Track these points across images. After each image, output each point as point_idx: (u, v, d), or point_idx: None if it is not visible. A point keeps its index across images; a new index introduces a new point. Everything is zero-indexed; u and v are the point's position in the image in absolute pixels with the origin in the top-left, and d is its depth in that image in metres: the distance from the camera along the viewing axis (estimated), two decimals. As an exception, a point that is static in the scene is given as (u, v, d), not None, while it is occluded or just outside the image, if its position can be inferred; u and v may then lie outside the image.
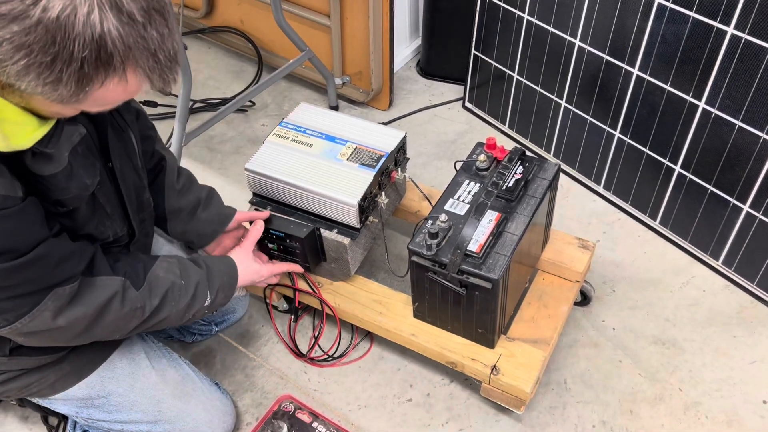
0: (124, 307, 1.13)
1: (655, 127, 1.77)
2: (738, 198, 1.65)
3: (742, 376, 1.58)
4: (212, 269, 1.28)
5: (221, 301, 1.30)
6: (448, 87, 2.44)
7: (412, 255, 1.36)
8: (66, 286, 1.05)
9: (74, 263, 1.07)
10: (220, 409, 1.43)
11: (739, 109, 1.56)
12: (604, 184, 1.99)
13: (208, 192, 1.47)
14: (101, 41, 0.77)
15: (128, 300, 1.14)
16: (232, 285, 1.33)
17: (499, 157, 1.49)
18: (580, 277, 1.59)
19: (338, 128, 1.57)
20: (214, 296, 1.27)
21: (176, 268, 1.22)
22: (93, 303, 1.10)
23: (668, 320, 1.70)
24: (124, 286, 1.13)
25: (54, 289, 1.03)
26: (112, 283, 1.12)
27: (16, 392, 1.26)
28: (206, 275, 1.26)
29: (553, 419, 1.52)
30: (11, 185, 0.93)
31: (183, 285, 1.22)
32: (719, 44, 1.54)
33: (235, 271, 1.34)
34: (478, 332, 1.43)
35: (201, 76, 2.50)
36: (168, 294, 1.19)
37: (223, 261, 1.34)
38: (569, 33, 1.87)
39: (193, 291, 1.23)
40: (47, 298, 1.03)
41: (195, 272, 1.25)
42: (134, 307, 1.15)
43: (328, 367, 1.63)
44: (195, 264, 1.27)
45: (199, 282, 1.24)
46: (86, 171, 1.07)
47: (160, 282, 1.18)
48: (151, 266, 1.19)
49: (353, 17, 2.17)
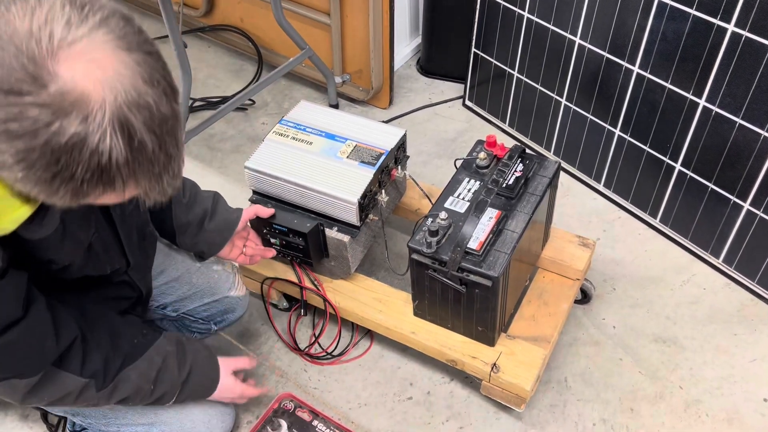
0: (77, 402, 1.14)
1: (656, 125, 1.76)
2: (738, 196, 1.65)
3: (742, 374, 1.58)
4: (192, 380, 1.28)
5: (181, 401, 1.31)
6: (448, 85, 2.44)
7: (412, 253, 1.36)
8: (23, 379, 1.03)
9: (43, 357, 1.04)
10: (219, 408, 1.42)
11: (740, 107, 1.56)
12: (604, 182, 1.99)
13: (213, 200, 1.44)
14: (106, 167, 0.72)
15: (83, 398, 1.13)
16: (203, 396, 1.35)
17: (500, 154, 1.49)
18: (581, 275, 1.59)
19: (338, 126, 1.56)
20: (180, 401, 1.29)
21: (153, 372, 1.20)
22: (46, 396, 1.09)
23: (669, 318, 1.69)
24: (85, 386, 1.12)
25: (10, 380, 1.02)
26: (73, 384, 1.10)
27: None
28: (181, 384, 1.26)
29: (554, 417, 1.52)
30: None
31: (150, 390, 1.21)
32: (720, 42, 1.54)
33: (212, 388, 1.34)
34: (479, 330, 1.43)
35: (201, 75, 2.50)
36: (129, 397, 1.19)
37: (209, 373, 1.33)
38: (569, 31, 1.87)
39: (158, 396, 1.23)
40: (5, 381, 1.02)
41: (169, 381, 1.23)
42: (87, 403, 1.16)
43: (328, 365, 1.63)
44: (178, 368, 1.25)
45: (167, 392, 1.24)
46: (80, 227, 1.03)
47: (126, 385, 1.17)
48: (129, 364, 1.17)
49: (353, 15, 2.17)
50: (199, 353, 1.32)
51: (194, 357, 1.29)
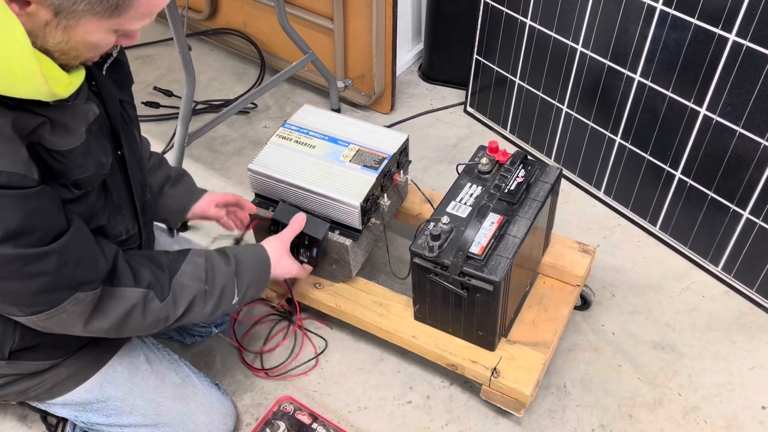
0: (146, 318, 1.13)
1: (656, 132, 1.77)
2: (738, 204, 1.66)
3: (741, 381, 1.58)
4: (242, 265, 1.26)
5: (251, 295, 1.29)
6: (449, 91, 2.45)
7: (414, 257, 1.37)
8: (88, 292, 1.03)
9: (97, 266, 1.05)
10: (220, 410, 1.42)
11: (740, 116, 1.57)
12: (604, 190, 2.00)
13: (178, 172, 1.46)
14: None
15: (150, 312, 1.13)
16: (264, 279, 1.31)
17: (502, 160, 1.50)
18: (581, 281, 1.60)
19: (341, 130, 1.57)
20: (243, 293, 1.26)
21: (202, 272, 1.19)
22: (113, 315, 1.09)
23: (668, 325, 1.70)
24: (147, 297, 1.12)
25: (75, 293, 1.02)
26: (134, 295, 1.10)
27: (14, 396, 1.26)
28: (234, 274, 1.24)
29: (553, 423, 1.52)
30: (29, 166, 0.93)
31: (208, 291, 1.20)
32: (721, 51, 1.55)
33: (267, 264, 1.32)
34: (479, 335, 1.43)
35: (204, 78, 2.51)
36: (193, 302, 1.18)
37: (256, 254, 1.31)
38: (571, 38, 1.88)
39: (219, 294, 1.21)
40: (67, 301, 1.02)
41: (221, 274, 1.22)
42: (157, 318, 1.14)
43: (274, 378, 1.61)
44: (224, 261, 1.24)
45: (226, 285, 1.22)
46: (101, 150, 1.07)
47: (185, 291, 1.17)
48: (176, 272, 1.17)
49: (356, 21, 2.18)
50: (237, 247, 1.32)
51: (235, 248, 1.29)
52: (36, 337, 1.15)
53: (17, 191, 0.91)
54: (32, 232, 0.94)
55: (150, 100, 2.36)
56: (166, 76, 2.54)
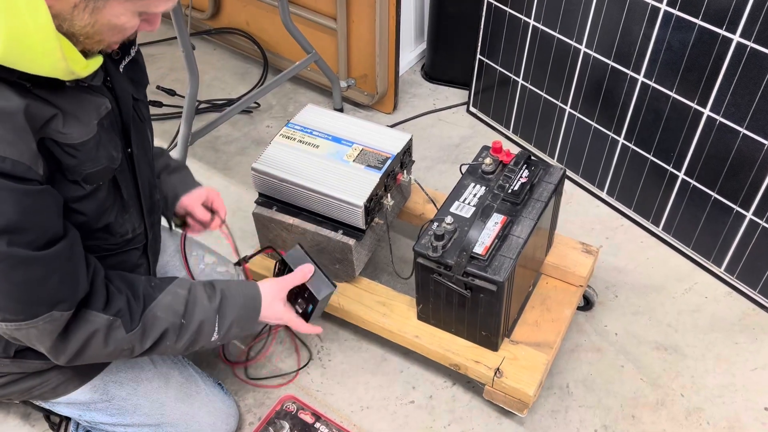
0: (108, 346, 1.08)
1: (660, 133, 1.77)
2: (741, 205, 1.66)
3: (744, 382, 1.58)
4: (227, 302, 1.18)
5: (235, 334, 1.21)
6: (452, 91, 2.45)
7: (418, 256, 1.37)
8: (64, 312, 1.01)
9: (78, 285, 1.03)
10: (224, 411, 1.43)
11: (744, 117, 1.57)
12: (607, 190, 2.00)
13: (178, 164, 1.45)
14: None
15: (113, 340, 1.08)
16: (251, 318, 1.22)
17: (505, 160, 1.50)
18: (584, 281, 1.60)
19: (345, 130, 1.57)
20: (225, 332, 1.19)
21: (181, 305, 1.14)
22: (75, 337, 1.05)
23: (670, 326, 1.70)
24: (112, 326, 1.07)
25: (52, 311, 0.99)
26: (99, 321, 1.06)
27: (18, 395, 1.26)
28: (216, 310, 1.17)
29: (555, 423, 1.52)
30: (35, 159, 0.92)
31: (183, 325, 1.14)
32: (725, 52, 1.55)
33: (257, 304, 1.22)
34: (482, 335, 1.43)
35: (207, 77, 2.51)
36: (164, 336, 1.12)
37: (246, 292, 1.22)
38: (575, 39, 1.88)
39: (196, 329, 1.15)
40: (41, 317, 0.99)
41: (202, 309, 1.16)
42: (120, 348, 1.09)
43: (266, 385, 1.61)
44: (207, 295, 1.17)
45: (204, 321, 1.16)
46: (111, 144, 1.07)
47: (156, 324, 1.11)
48: (152, 303, 1.12)
49: (360, 21, 2.18)
50: (228, 281, 1.24)
51: (224, 283, 1.22)
52: None
53: (20, 186, 0.90)
54: (27, 231, 0.92)
55: (153, 99, 2.36)
56: (169, 76, 2.54)
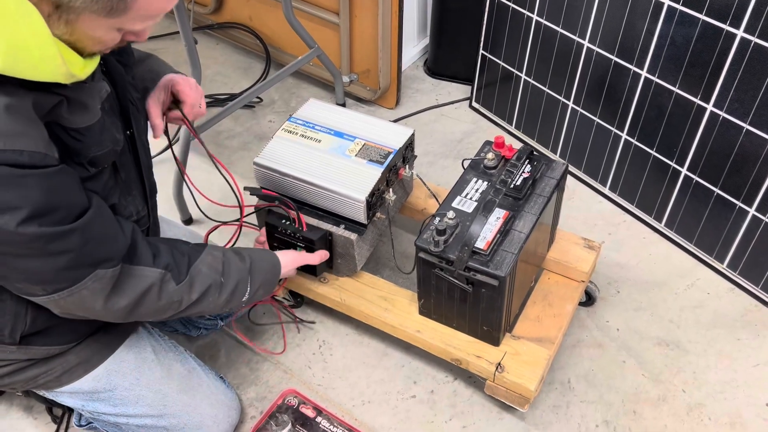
0: (161, 299, 1.14)
1: (663, 129, 1.77)
2: (744, 201, 1.65)
3: (745, 378, 1.58)
4: (255, 266, 1.30)
5: (261, 295, 1.33)
6: (455, 86, 2.45)
7: (420, 251, 1.37)
8: (108, 269, 1.05)
9: (118, 243, 1.07)
10: (226, 403, 1.43)
11: (747, 113, 1.57)
12: (610, 186, 1.99)
13: (147, 54, 1.42)
14: None
15: (166, 293, 1.14)
16: (273, 281, 1.36)
17: (507, 155, 1.50)
18: (586, 277, 1.59)
19: (347, 124, 1.57)
20: (254, 292, 1.30)
21: (219, 264, 1.23)
22: (131, 293, 1.11)
23: (672, 322, 1.70)
24: (164, 279, 1.14)
25: (96, 270, 1.03)
26: (152, 275, 1.12)
27: (22, 384, 1.27)
28: (248, 272, 1.28)
29: (557, 418, 1.52)
30: (49, 146, 0.94)
31: (223, 283, 1.23)
32: (728, 47, 1.55)
33: (278, 269, 1.36)
34: (484, 330, 1.43)
35: (209, 72, 2.51)
36: (207, 291, 1.20)
37: (268, 258, 1.36)
38: (578, 34, 1.87)
39: (233, 288, 1.24)
40: (88, 278, 1.03)
41: (237, 270, 1.26)
42: (171, 300, 1.16)
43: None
44: (239, 259, 1.28)
45: (240, 281, 1.26)
46: (114, 126, 1.09)
47: (201, 278, 1.19)
48: (196, 260, 1.20)
49: (362, 15, 2.18)
50: (252, 249, 1.36)
51: (248, 250, 1.33)
52: (47, 320, 1.16)
53: (39, 170, 0.92)
54: (56, 210, 0.95)
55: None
56: (171, 70, 2.54)
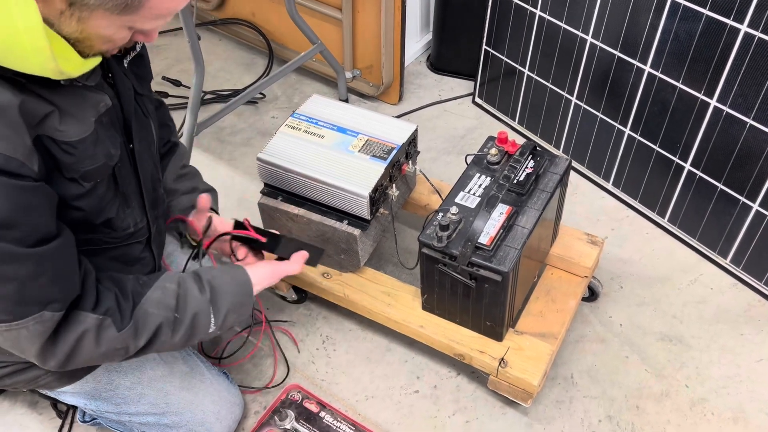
0: (100, 347, 1.05)
1: (666, 124, 1.77)
2: (747, 196, 1.65)
3: (748, 373, 1.58)
4: (218, 293, 1.16)
5: (233, 321, 1.19)
6: (458, 82, 2.45)
7: (423, 247, 1.37)
8: (54, 312, 0.98)
9: (71, 286, 1.01)
10: (228, 400, 1.43)
11: (751, 108, 1.56)
12: (613, 181, 1.99)
13: (207, 187, 1.43)
14: None
15: (105, 340, 1.05)
16: (245, 303, 1.20)
17: (511, 151, 1.50)
18: (589, 272, 1.60)
19: (350, 120, 1.57)
20: (222, 320, 1.16)
21: (172, 298, 1.11)
22: (65, 339, 1.02)
23: (675, 317, 1.70)
24: (102, 325, 1.04)
25: (42, 311, 0.97)
26: (87, 321, 1.03)
27: (24, 384, 1.27)
28: (209, 302, 1.14)
29: (560, 413, 1.53)
30: (30, 155, 0.90)
31: (178, 319, 1.11)
32: (732, 42, 1.54)
33: (248, 287, 1.20)
34: (487, 325, 1.44)
35: (212, 68, 2.51)
36: (158, 332, 1.10)
37: (235, 277, 1.20)
38: (581, 29, 1.87)
39: (190, 323, 1.12)
40: (32, 317, 0.97)
41: (194, 300, 1.13)
42: (113, 348, 1.07)
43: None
44: (198, 288, 1.14)
45: (198, 312, 1.13)
46: (110, 141, 1.06)
47: (149, 320, 1.09)
48: (141, 299, 1.09)
49: (365, 11, 2.17)
50: (211, 269, 1.21)
51: (209, 272, 1.19)
52: None
53: (12, 181, 0.88)
54: (17, 227, 0.90)
55: (159, 90, 2.36)
56: (174, 66, 2.54)
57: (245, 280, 1.20)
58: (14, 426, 1.54)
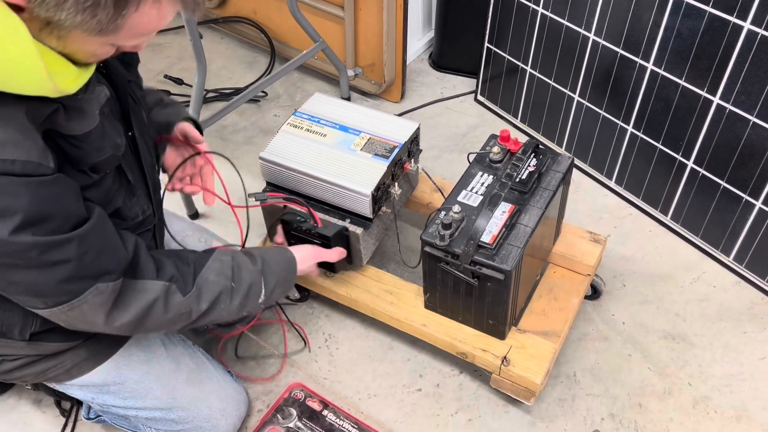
0: (168, 312, 1.12)
1: (669, 122, 1.76)
2: (751, 194, 1.65)
3: (751, 371, 1.58)
4: (268, 266, 1.27)
5: (277, 296, 1.30)
6: (460, 80, 2.44)
7: (425, 245, 1.37)
8: (108, 283, 1.03)
9: (118, 256, 1.05)
10: (234, 397, 1.44)
11: (754, 105, 1.56)
12: (615, 179, 1.99)
13: (171, 99, 1.42)
14: None
15: (172, 306, 1.12)
16: (290, 279, 1.32)
17: (513, 149, 1.50)
18: (591, 270, 1.59)
19: (352, 118, 1.57)
20: (270, 292, 1.26)
21: (228, 269, 1.20)
22: (134, 308, 1.09)
23: (678, 315, 1.70)
24: (168, 291, 1.12)
25: (96, 284, 1.02)
26: (155, 288, 1.10)
27: (33, 377, 1.27)
28: (260, 273, 1.24)
29: (563, 411, 1.53)
30: (44, 154, 0.92)
31: (234, 288, 1.20)
32: (735, 39, 1.54)
33: (293, 265, 1.32)
34: (490, 323, 1.44)
35: (214, 66, 2.51)
36: (218, 299, 1.18)
37: (282, 255, 1.32)
38: (584, 26, 1.87)
39: (245, 292, 1.22)
40: (88, 292, 1.02)
41: (248, 272, 1.23)
42: (179, 313, 1.14)
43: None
44: (251, 261, 1.25)
45: (252, 284, 1.23)
46: (115, 132, 1.07)
47: (210, 287, 1.17)
48: (202, 268, 1.17)
49: (367, 9, 2.17)
50: (263, 248, 1.33)
51: (260, 249, 1.30)
52: None
53: (33, 179, 0.90)
54: (50, 219, 0.93)
55: (161, 89, 2.36)
56: (176, 65, 2.54)
57: (291, 258, 1.33)
58: (18, 424, 1.55)
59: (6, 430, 1.54)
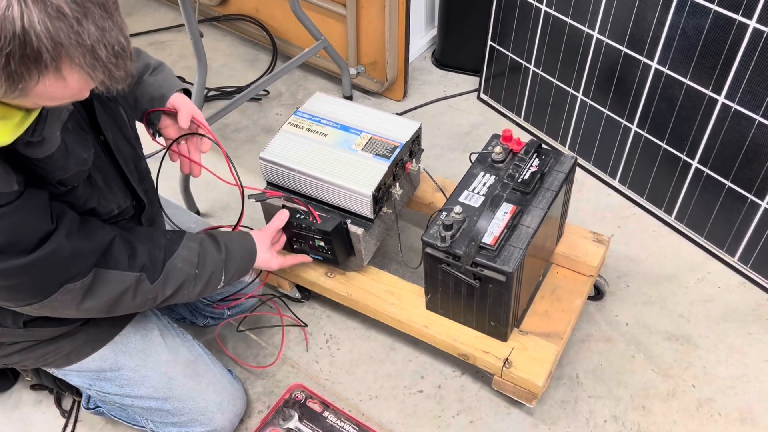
0: (136, 299, 1.17)
1: (673, 121, 1.75)
2: (756, 194, 1.63)
3: (756, 373, 1.57)
4: (231, 256, 1.31)
5: (233, 281, 1.35)
6: (462, 78, 2.43)
7: (426, 246, 1.36)
8: (77, 282, 1.06)
9: (86, 260, 1.08)
10: (231, 392, 1.43)
11: (759, 104, 1.54)
12: (619, 178, 1.97)
13: (157, 62, 1.38)
14: (24, 37, 0.74)
15: (140, 293, 1.17)
16: (247, 269, 1.37)
17: (515, 149, 1.49)
18: (594, 271, 1.58)
19: (353, 118, 1.56)
20: (228, 279, 1.31)
21: (195, 256, 1.24)
22: (105, 296, 1.13)
23: (682, 316, 1.68)
24: (139, 280, 1.15)
25: (64, 285, 1.05)
26: (127, 279, 1.14)
27: (32, 362, 1.29)
28: (223, 262, 1.29)
29: (565, 413, 1.52)
30: (5, 179, 0.93)
31: (197, 275, 1.24)
32: (740, 38, 1.52)
33: (253, 256, 1.37)
34: (491, 325, 1.43)
35: (215, 65, 2.50)
36: (182, 285, 1.22)
37: (245, 245, 1.36)
38: (587, 25, 1.85)
39: (207, 280, 1.26)
40: (57, 293, 1.05)
41: (212, 261, 1.27)
42: (146, 298, 1.19)
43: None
44: (216, 249, 1.28)
45: (214, 272, 1.27)
46: (81, 146, 1.07)
47: (176, 274, 1.21)
48: (171, 255, 1.21)
49: (369, 7, 2.16)
50: (228, 233, 1.37)
51: (226, 236, 1.34)
52: None
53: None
54: (14, 245, 0.96)
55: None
56: (177, 63, 2.53)
57: (253, 248, 1.37)
58: (18, 424, 1.54)
59: (6, 430, 1.53)
